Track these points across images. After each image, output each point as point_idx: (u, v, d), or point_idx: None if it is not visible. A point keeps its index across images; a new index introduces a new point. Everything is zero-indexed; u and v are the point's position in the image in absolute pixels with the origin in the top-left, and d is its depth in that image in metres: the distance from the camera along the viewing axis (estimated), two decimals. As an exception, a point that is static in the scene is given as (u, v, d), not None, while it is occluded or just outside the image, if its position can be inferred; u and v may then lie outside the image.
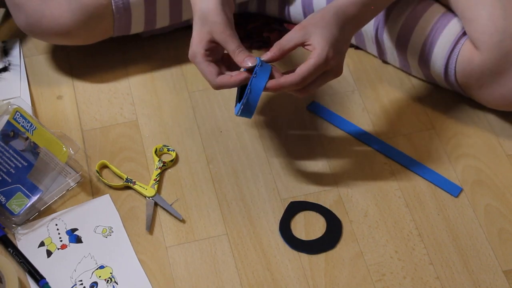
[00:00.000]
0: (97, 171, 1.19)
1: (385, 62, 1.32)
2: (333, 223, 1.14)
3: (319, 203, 1.16)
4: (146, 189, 1.16)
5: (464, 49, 1.17)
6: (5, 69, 1.32)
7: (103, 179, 1.18)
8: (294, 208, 1.15)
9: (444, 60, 1.19)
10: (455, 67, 1.18)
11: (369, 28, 1.26)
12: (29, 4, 1.20)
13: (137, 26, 1.27)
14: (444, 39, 1.18)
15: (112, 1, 1.21)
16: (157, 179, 1.18)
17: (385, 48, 1.27)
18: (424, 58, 1.21)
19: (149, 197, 1.16)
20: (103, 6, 1.21)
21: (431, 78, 1.25)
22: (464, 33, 1.18)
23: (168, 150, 1.22)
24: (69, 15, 1.20)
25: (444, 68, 1.20)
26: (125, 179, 1.18)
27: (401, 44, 1.23)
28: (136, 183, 1.17)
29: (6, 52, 1.34)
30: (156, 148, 1.21)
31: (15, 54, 1.34)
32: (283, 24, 1.38)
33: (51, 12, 1.20)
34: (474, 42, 1.15)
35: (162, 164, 1.19)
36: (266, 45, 1.36)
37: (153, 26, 1.29)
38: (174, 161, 1.21)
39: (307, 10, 1.32)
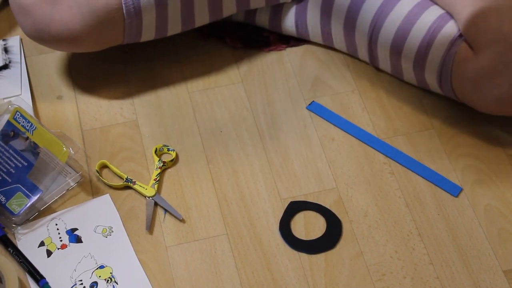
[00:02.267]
0: (97, 171, 1.19)
1: (377, 68, 1.32)
2: (333, 223, 1.14)
3: (319, 203, 1.16)
4: (146, 189, 1.16)
5: (460, 49, 1.17)
6: (5, 66, 1.32)
7: (103, 179, 1.18)
8: (294, 208, 1.15)
9: (440, 61, 1.18)
10: (451, 68, 1.18)
11: (362, 35, 1.26)
12: (37, 9, 1.17)
13: (148, 33, 1.24)
14: (441, 40, 1.18)
15: (123, 5, 1.18)
16: (157, 178, 1.18)
17: (378, 55, 1.27)
18: (419, 61, 1.21)
19: (149, 197, 1.16)
20: (114, 10, 1.18)
21: (424, 83, 1.25)
22: (461, 35, 1.18)
23: (168, 150, 1.22)
24: (79, 20, 1.17)
25: (439, 70, 1.19)
26: (125, 179, 1.18)
27: (396, 47, 1.23)
28: (136, 183, 1.17)
29: (6, 50, 1.34)
30: (156, 148, 1.21)
31: (16, 52, 1.34)
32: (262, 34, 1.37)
33: (60, 16, 1.17)
34: (469, 42, 1.15)
35: (162, 164, 1.19)
36: (266, 45, 1.36)
37: (164, 33, 1.26)
38: (174, 161, 1.21)
39: (300, 23, 1.32)
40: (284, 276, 1.09)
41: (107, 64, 1.34)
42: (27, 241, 1.12)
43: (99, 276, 1.08)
